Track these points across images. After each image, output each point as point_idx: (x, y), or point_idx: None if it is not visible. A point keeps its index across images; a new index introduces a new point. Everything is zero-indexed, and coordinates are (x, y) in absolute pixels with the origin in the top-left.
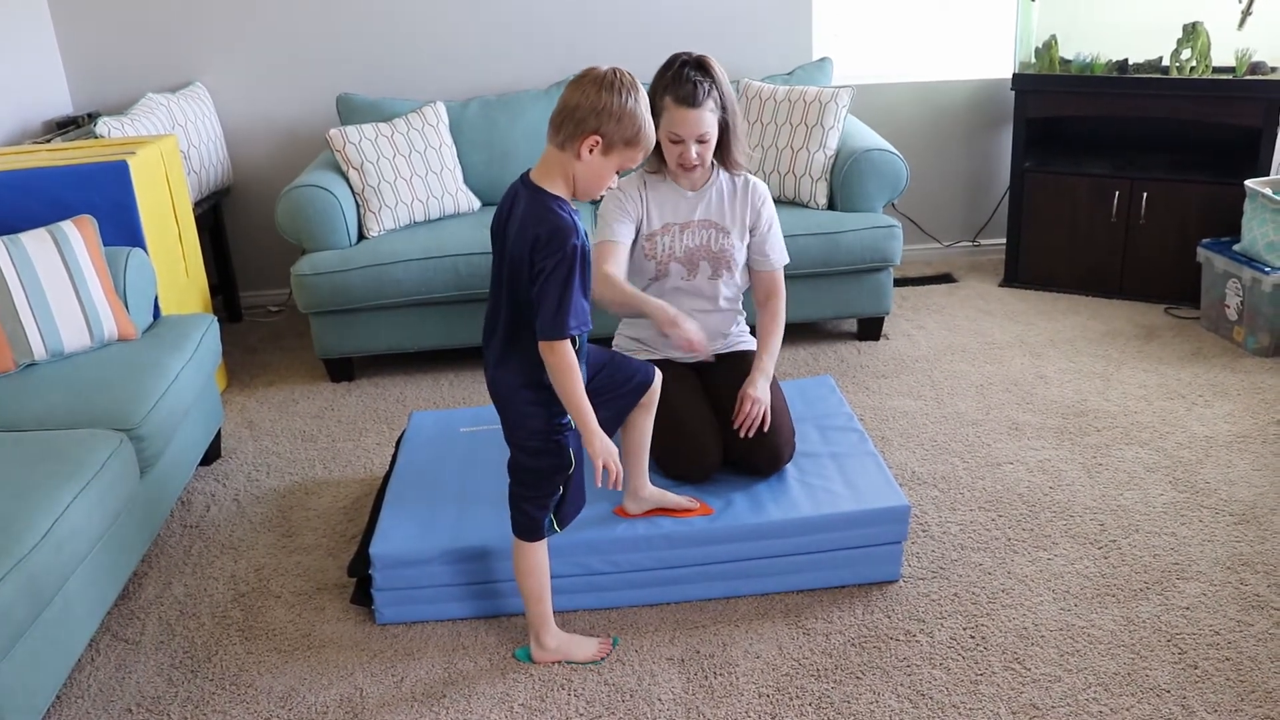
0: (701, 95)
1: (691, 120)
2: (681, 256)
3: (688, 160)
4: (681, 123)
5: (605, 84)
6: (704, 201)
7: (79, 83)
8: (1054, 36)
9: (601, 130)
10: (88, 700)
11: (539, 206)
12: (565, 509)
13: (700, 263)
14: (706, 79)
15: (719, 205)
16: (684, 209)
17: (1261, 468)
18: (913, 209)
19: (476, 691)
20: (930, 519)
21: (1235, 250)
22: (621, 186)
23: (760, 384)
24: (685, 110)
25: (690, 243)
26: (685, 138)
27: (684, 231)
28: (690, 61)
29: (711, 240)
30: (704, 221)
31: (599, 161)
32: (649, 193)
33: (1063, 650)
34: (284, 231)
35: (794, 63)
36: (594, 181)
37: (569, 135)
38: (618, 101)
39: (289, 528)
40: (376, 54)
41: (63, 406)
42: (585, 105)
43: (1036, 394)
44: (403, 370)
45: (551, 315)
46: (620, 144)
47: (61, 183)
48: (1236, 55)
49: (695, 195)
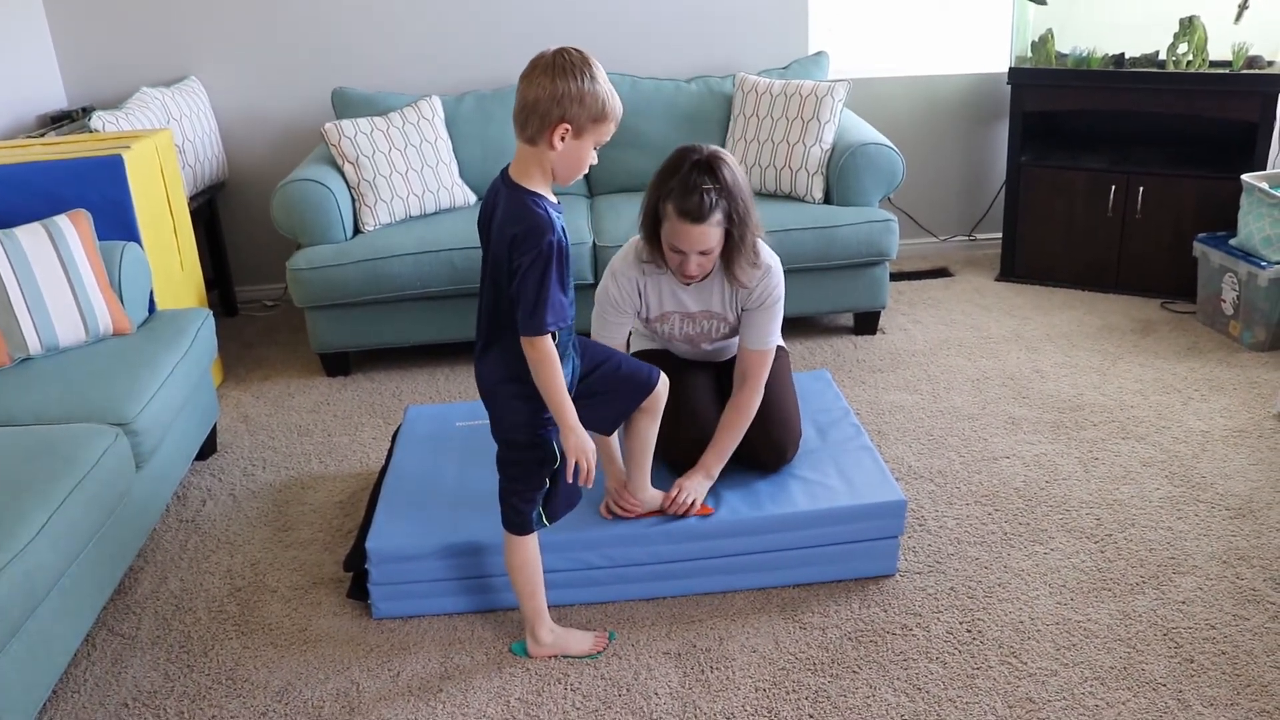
0: (707, 209)
1: (695, 236)
2: (681, 338)
3: (688, 272)
4: (684, 237)
5: (558, 71)
6: (705, 294)
7: (73, 77)
8: (1050, 30)
9: (567, 117)
10: (84, 695)
11: (516, 204)
12: (555, 503)
13: (702, 344)
14: (714, 187)
15: (720, 299)
16: (686, 299)
17: (1257, 462)
18: (909, 203)
19: (473, 686)
20: (926, 513)
21: (1231, 245)
22: (617, 278)
23: (698, 479)
24: (688, 225)
25: (691, 330)
26: (686, 251)
27: (684, 320)
28: (701, 164)
29: (714, 329)
30: (706, 313)
31: (573, 146)
32: (647, 282)
33: (1059, 644)
34: (279, 226)
35: (790, 56)
36: (573, 165)
37: (537, 130)
38: (575, 85)
39: (285, 522)
40: (372, 48)
41: (58, 401)
42: (545, 97)
43: (1033, 388)
44: (398, 365)
45: (530, 311)
46: (589, 123)
47: (56, 177)
48: (1233, 49)
49: (696, 289)
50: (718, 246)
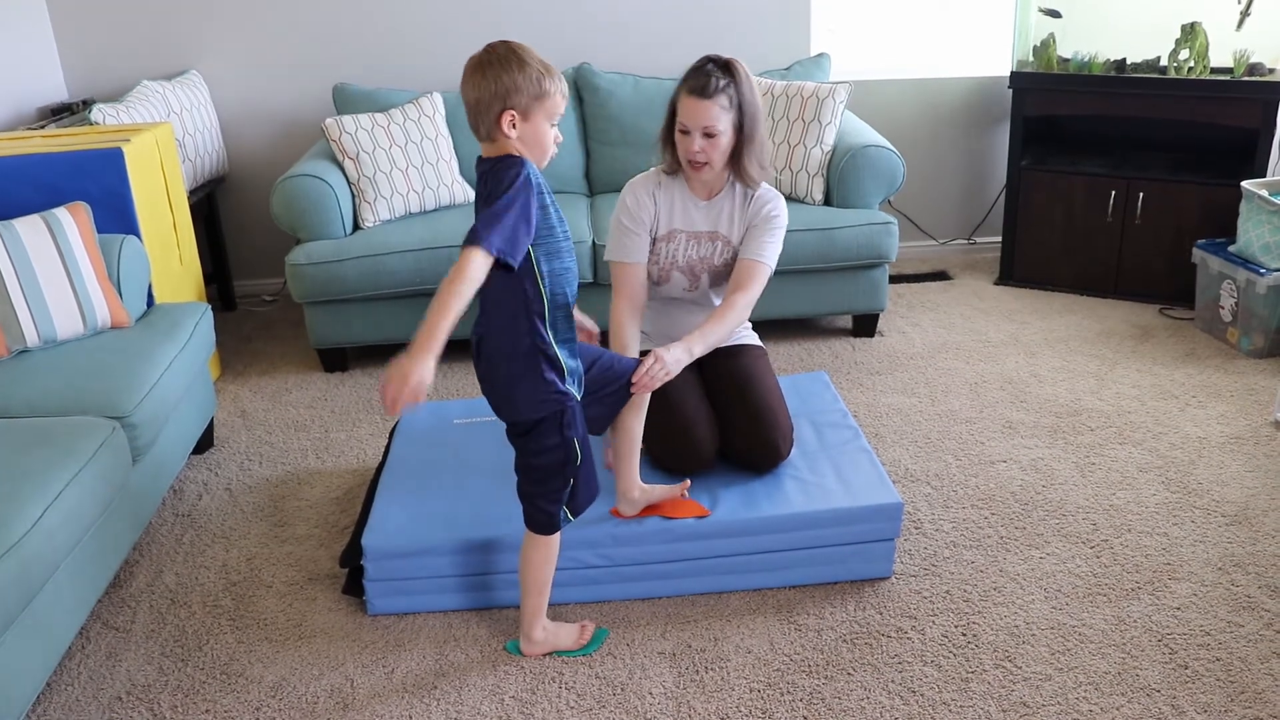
0: (713, 88)
1: (699, 111)
2: (684, 266)
3: (692, 152)
4: (689, 112)
5: (486, 67)
6: (715, 213)
7: (74, 69)
8: (1052, 35)
9: (509, 105)
10: (78, 688)
11: (489, 163)
12: (577, 499)
13: (702, 275)
14: (725, 76)
15: (729, 216)
16: (696, 217)
17: (1254, 469)
18: (909, 206)
19: (468, 683)
20: (923, 516)
21: (1230, 251)
22: (634, 189)
23: (676, 352)
24: (694, 100)
25: (694, 254)
26: (691, 129)
27: (690, 241)
28: (717, 60)
29: (716, 254)
30: (712, 234)
31: (527, 129)
32: (661, 194)
33: (1054, 649)
34: (279, 221)
35: (792, 58)
36: (537, 147)
37: (489, 127)
38: (505, 76)
39: (281, 517)
40: (373, 44)
41: (55, 394)
42: (483, 96)
43: (1030, 393)
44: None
45: (484, 223)
46: (533, 102)
47: (56, 169)
48: (1234, 56)
49: (708, 205)
50: (725, 138)
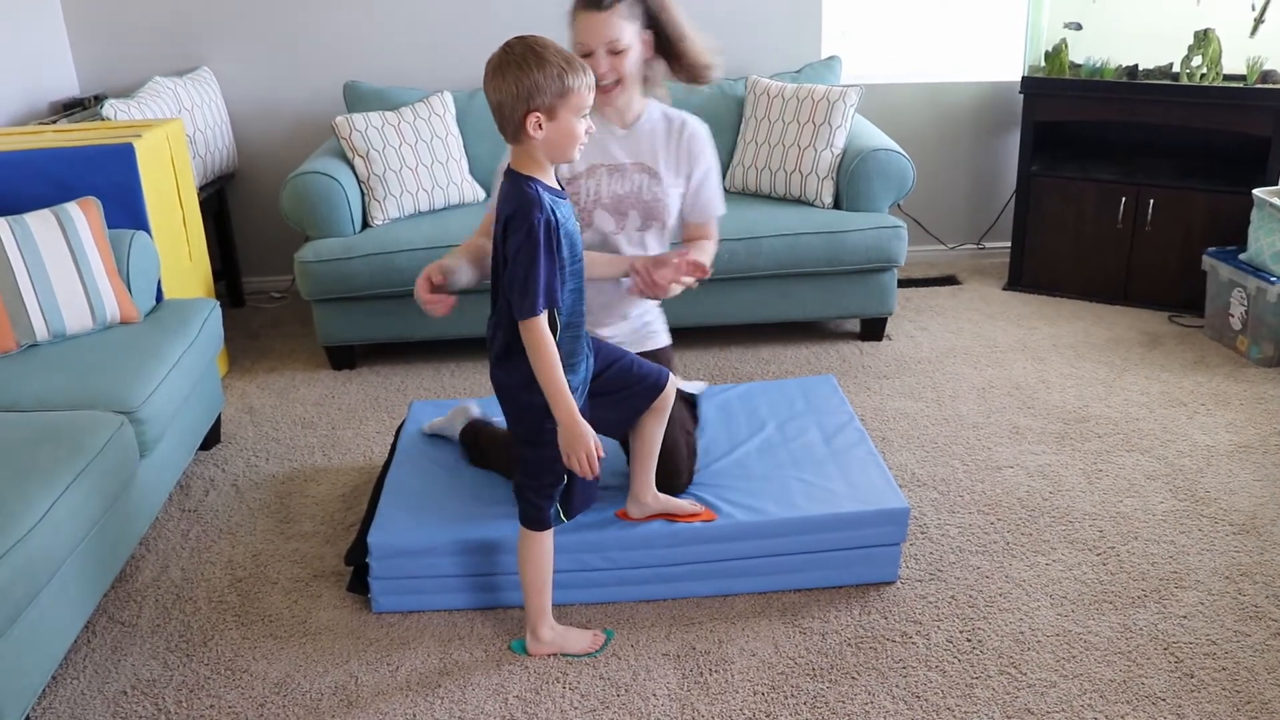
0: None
1: (595, 25)
2: (609, 203)
3: (600, 72)
4: (585, 29)
5: (504, 70)
6: (635, 141)
7: (86, 64)
8: (1064, 40)
9: (533, 106)
10: (83, 682)
11: (512, 189)
12: (573, 500)
13: (630, 212)
14: None
15: (651, 147)
16: (614, 149)
17: (1262, 478)
18: (918, 210)
19: (472, 682)
20: (929, 521)
21: (1241, 259)
22: None
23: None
24: (589, 15)
25: (619, 189)
26: (592, 46)
27: (612, 175)
28: None
29: (643, 188)
30: (636, 165)
31: (553, 128)
32: None
33: (1059, 656)
34: (288, 218)
35: (802, 61)
36: (563, 145)
37: (514, 128)
38: (525, 77)
39: (287, 514)
40: (385, 42)
41: (63, 388)
42: (506, 98)
43: (1038, 398)
44: (404, 359)
45: (521, 292)
46: (557, 101)
47: (67, 164)
48: (1248, 63)
49: (626, 134)
50: (634, 51)
